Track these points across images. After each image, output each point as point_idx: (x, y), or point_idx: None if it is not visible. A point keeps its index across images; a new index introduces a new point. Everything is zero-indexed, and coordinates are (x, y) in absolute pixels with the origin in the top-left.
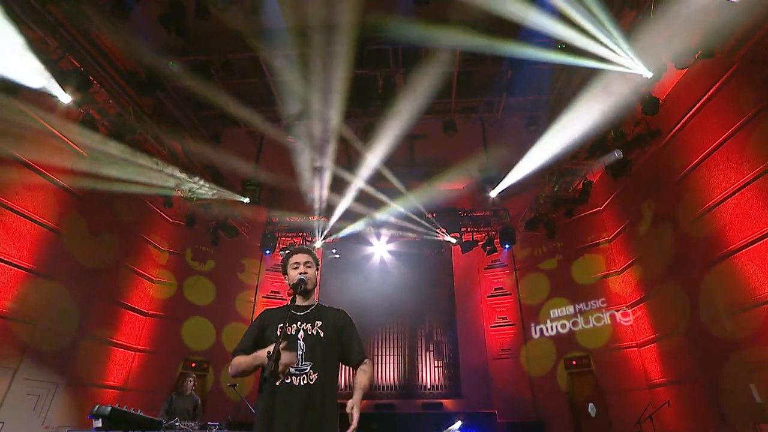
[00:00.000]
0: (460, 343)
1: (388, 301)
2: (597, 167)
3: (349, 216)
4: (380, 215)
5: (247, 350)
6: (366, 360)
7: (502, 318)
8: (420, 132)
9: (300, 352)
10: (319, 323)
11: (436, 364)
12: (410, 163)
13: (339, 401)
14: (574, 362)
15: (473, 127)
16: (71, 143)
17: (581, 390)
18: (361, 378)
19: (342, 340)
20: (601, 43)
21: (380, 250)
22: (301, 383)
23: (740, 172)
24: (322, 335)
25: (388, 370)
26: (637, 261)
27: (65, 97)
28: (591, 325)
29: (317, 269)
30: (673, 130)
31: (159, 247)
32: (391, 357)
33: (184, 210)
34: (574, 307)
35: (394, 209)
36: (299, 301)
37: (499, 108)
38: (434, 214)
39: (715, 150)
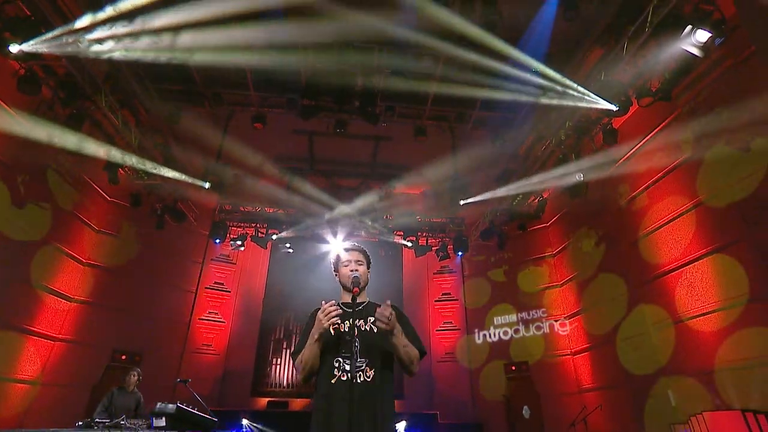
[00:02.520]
0: None
1: (336, 299)
2: (553, 185)
3: (307, 211)
4: (338, 213)
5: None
6: (424, 353)
7: (448, 322)
8: (387, 134)
9: (355, 349)
10: (371, 319)
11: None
12: (372, 164)
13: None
14: (513, 367)
15: (441, 135)
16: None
17: (518, 394)
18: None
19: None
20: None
21: (336, 248)
22: (358, 380)
23: (676, 204)
24: (376, 331)
25: None
26: (578, 276)
27: (13, 47)
28: (531, 333)
29: (369, 266)
30: (621, 159)
31: (94, 227)
32: None
33: (128, 189)
34: (517, 316)
35: (352, 207)
36: (349, 298)
37: (470, 120)
38: (391, 216)
39: (656, 182)
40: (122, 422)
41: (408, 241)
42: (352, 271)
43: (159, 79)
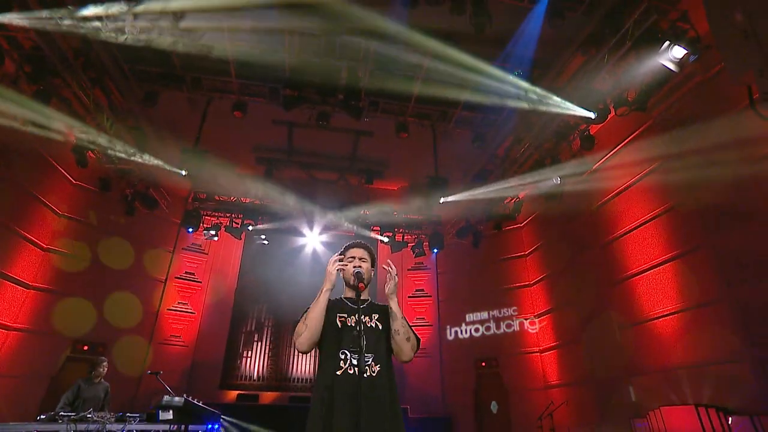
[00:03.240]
0: None
1: (311, 293)
2: (530, 187)
3: (284, 203)
4: (315, 205)
5: None
6: (419, 343)
7: (421, 318)
8: (368, 128)
9: (362, 344)
10: (376, 316)
11: None
12: (351, 158)
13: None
14: (483, 364)
15: (423, 133)
16: None
17: (487, 389)
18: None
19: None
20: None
21: (313, 241)
22: (364, 375)
23: (644, 210)
24: (381, 327)
25: (304, 362)
26: (548, 276)
27: None
28: (502, 330)
29: (373, 264)
30: (596, 165)
31: (56, 211)
32: None
33: (96, 172)
34: (489, 313)
35: (330, 201)
36: (352, 294)
37: (452, 119)
38: (368, 212)
39: (627, 189)
40: (89, 415)
41: (384, 236)
42: (355, 267)
43: (135, 59)
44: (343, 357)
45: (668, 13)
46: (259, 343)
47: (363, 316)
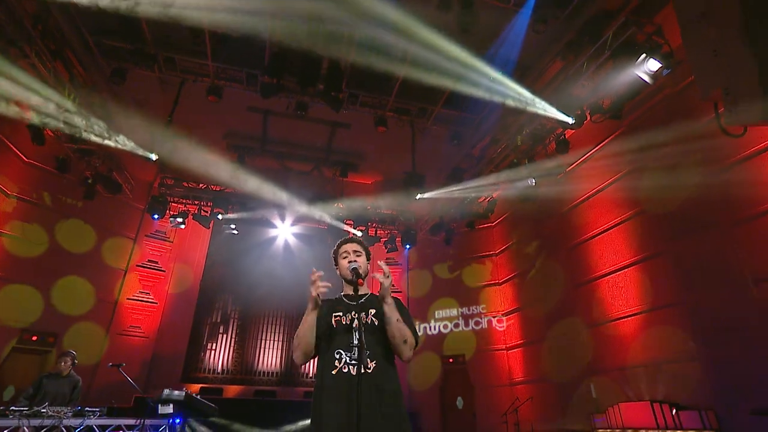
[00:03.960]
0: None
1: (281, 285)
2: (504, 188)
3: (256, 192)
4: (288, 196)
5: None
6: (417, 342)
7: None
8: (345, 121)
9: (355, 341)
10: (373, 311)
11: None
12: (327, 149)
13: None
14: (450, 360)
15: (401, 128)
16: None
17: (453, 385)
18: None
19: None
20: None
21: (284, 232)
22: (360, 372)
23: (612, 215)
24: (376, 323)
25: (271, 356)
26: (518, 275)
27: None
28: (470, 327)
29: (368, 258)
30: (568, 168)
31: (5, 191)
32: (276, 342)
33: (53, 152)
34: (458, 310)
35: (303, 192)
36: (350, 290)
37: (431, 116)
38: (341, 205)
39: (597, 193)
40: (43, 410)
41: (358, 230)
42: (350, 262)
43: (101, 32)
44: (338, 356)
45: (644, 26)
46: (225, 336)
47: (360, 313)
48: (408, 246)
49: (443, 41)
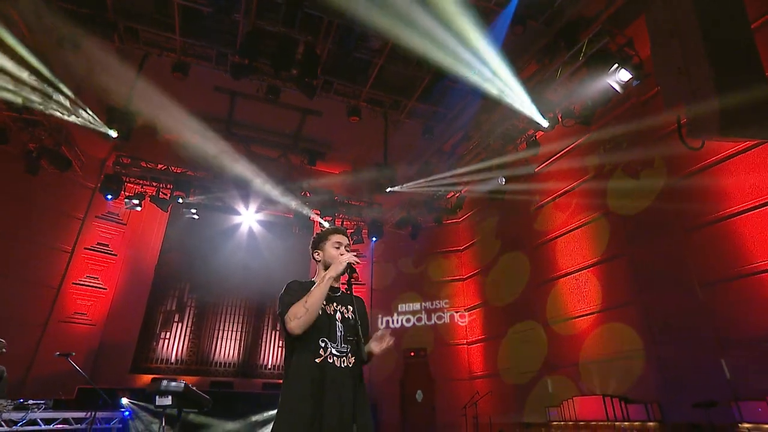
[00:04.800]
0: None
1: (243, 274)
2: (472, 185)
3: (220, 176)
4: (253, 182)
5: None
6: None
7: None
8: (317, 108)
9: (339, 334)
10: (351, 308)
11: (279, 344)
12: (295, 136)
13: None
14: (412, 354)
15: (373, 119)
16: None
17: (414, 378)
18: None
19: (364, 324)
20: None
21: (248, 219)
22: (342, 365)
23: (575, 217)
24: (356, 319)
25: (228, 346)
26: (481, 272)
27: None
28: (433, 322)
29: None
30: (537, 169)
31: None
32: (234, 333)
33: None
34: (421, 305)
35: (268, 178)
36: (332, 283)
37: (405, 109)
38: (308, 194)
39: (562, 195)
40: None
41: (325, 221)
42: (342, 255)
43: None
44: (323, 345)
45: (617, 37)
46: (180, 324)
47: (340, 306)
48: (374, 238)
49: (424, 34)
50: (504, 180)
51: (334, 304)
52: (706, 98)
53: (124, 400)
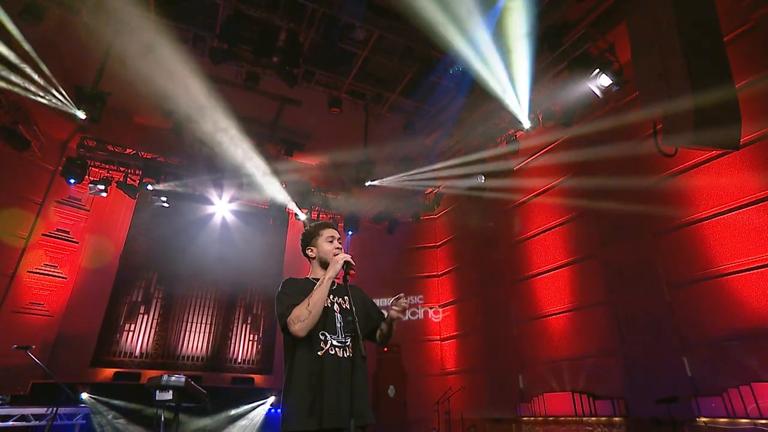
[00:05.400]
0: None
1: (215, 265)
2: (451, 181)
3: (193, 164)
4: (227, 170)
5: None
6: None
7: None
8: (296, 97)
9: (338, 325)
10: (347, 298)
11: (250, 338)
12: (273, 125)
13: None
14: (385, 349)
15: (354, 112)
16: None
17: (387, 374)
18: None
19: (367, 310)
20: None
21: (222, 209)
22: (344, 355)
23: (552, 217)
24: (354, 310)
25: (197, 339)
26: (457, 269)
27: None
28: (407, 317)
29: None
30: (515, 168)
31: None
32: (203, 326)
33: None
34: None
35: (244, 167)
36: (342, 279)
37: (387, 103)
38: (285, 184)
39: (539, 195)
40: None
41: (302, 213)
42: (337, 248)
43: None
44: (323, 338)
45: (598, 42)
46: (146, 316)
47: (337, 298)
48: (350, 232)
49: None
50: (483, 178)
51: (331, 296)
52: (683, 108)
53: (84, 395)
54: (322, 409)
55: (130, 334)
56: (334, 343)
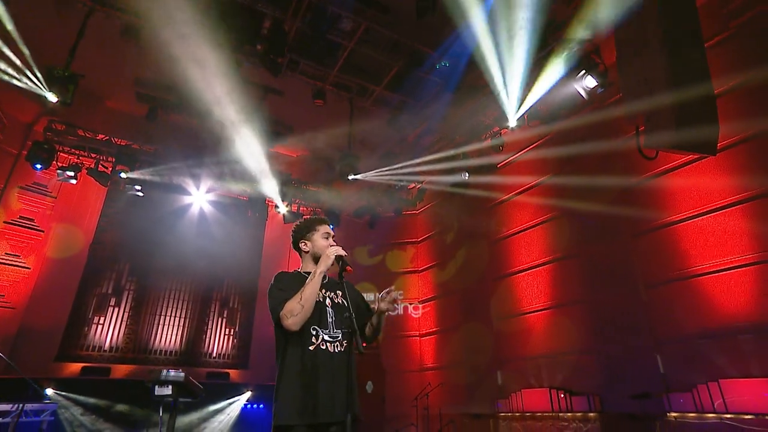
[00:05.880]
0: (257, 313)
1: (190, 257)
2: (435, 177)
3: (169, 152)
4: (205, 159)
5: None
6: None
7: None
8: (279, 87)
9: (330, 320)
10: (340, 293)
11: (226, 332)
12: (254, 114)
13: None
14: (364, 344)
15: (338, 104)
16: None
17: (365, 369)
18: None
19: (359, 306)
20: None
21: (199, 200)
22: (336, 350)
23: (533, 215)
24: (346, 304)
25: (171, 333)
26: (437, 265)
27: None
28: (386, 313)
29: None
30: (499, 165)
31: None
32: (177, 319)
33: None
34: (375, 295)
35: (223, 157)
36: (337, 275)
37: (372, 96)
38: (265, 176)
39: (521, 193)
40: None
41: (283, 205)
42: (331, 245)
43: None
44: (314, 333)
45: (584, 44)
46: (117, 309)
47: (330, 292)
48: (332, 226)
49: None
50: (467, 175)
51: (323, 291)
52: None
53: (49, 391)
54: (314, 404)
55: (100, 327)
56: (326, 338)
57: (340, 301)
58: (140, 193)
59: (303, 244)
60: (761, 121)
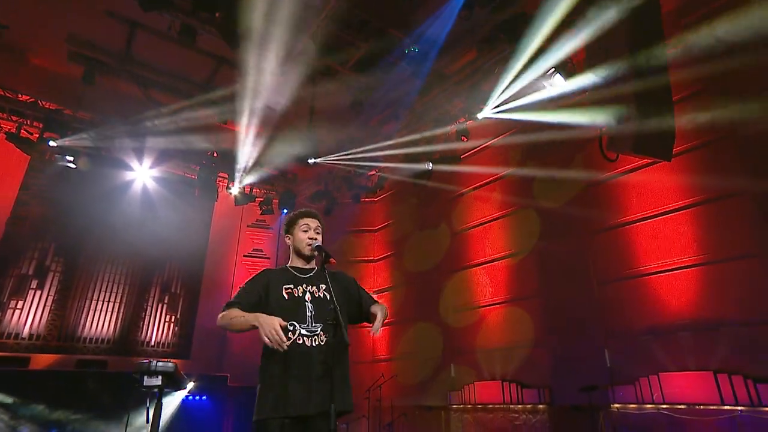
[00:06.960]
0: (201, 299)
1: (124, 236)
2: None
3: (107, 121)
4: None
5: (246, 307)
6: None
7: None
8: (232, 57)
9: (309, 314)
10: (323, 286)
11: (167, 319)
12: (206, 86)
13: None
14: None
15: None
16: None
17: None
18: (379, 306)
19: (351, 296)
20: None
21: (142, 176)
22: (313, 344)
23: (493, 209)
24: (328, 297)
25: (103, 319)
26: (394, 255)
27: None
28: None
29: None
30: (463, 156)
31: None
32: (111, 304)
33: None
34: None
35: (170, 130)
36: (301, 264)
37: (335, 77)
38: (216, 154)
39: (483, 186)
40: None
41: (233, 186)
42: (311, 238)
43: None
44: (291, 328)
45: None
46: (39, 292)
47: (310, 286)
48: (285, 210)
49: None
50: (431, 165)
51: (303, 286)
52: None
53: None
54: (287, 397)
55: (18, 312)
56: (303, 332)
57: (322, 295)
58: (72, 165)
59: (288, 238)
60: (715, 128)
